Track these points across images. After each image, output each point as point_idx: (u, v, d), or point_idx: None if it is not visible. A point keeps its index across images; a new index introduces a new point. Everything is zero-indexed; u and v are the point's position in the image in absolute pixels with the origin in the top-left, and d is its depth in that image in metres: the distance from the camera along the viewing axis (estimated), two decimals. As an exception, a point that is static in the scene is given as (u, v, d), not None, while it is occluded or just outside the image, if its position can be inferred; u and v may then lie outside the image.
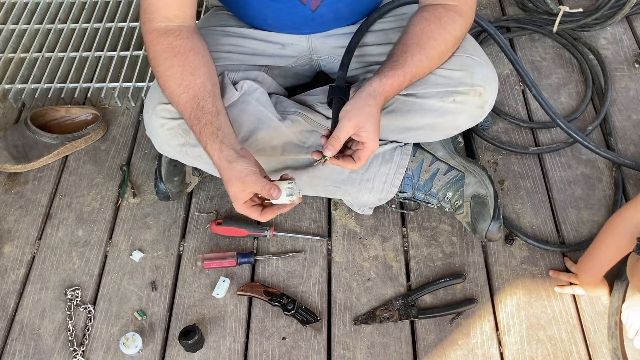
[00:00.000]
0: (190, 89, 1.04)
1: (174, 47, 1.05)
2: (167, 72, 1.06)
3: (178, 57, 1.05)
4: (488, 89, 1.15)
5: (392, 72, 1.04)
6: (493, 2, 1.79)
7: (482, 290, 1.20)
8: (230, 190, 1.00)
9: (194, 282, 1.24)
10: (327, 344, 1.15)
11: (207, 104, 1.03)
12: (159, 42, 1.06)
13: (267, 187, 0.97)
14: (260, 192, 0.98)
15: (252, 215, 1.02)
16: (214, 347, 1.15)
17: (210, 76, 1.07)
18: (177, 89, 1.05)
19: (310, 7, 1.16)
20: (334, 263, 1.26)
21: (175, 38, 1.06)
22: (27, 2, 1.84)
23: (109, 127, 1.53)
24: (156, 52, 1.06)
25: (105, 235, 1.32)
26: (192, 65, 1.05)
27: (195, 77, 1.05)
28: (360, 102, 1.01)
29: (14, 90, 1.60)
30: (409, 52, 1.06)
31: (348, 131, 0.99)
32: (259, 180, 0.98)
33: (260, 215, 1.01)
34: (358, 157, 1.02)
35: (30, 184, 1.42)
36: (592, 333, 1.13)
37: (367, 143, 1.01)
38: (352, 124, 0.99)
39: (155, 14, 1.06)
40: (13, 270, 1.27)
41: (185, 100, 1.04)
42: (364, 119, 0.99)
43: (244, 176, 0.98)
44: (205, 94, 1.04)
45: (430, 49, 1.07)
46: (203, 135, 1.02)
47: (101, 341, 1.16)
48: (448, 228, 1.29)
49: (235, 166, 0.98)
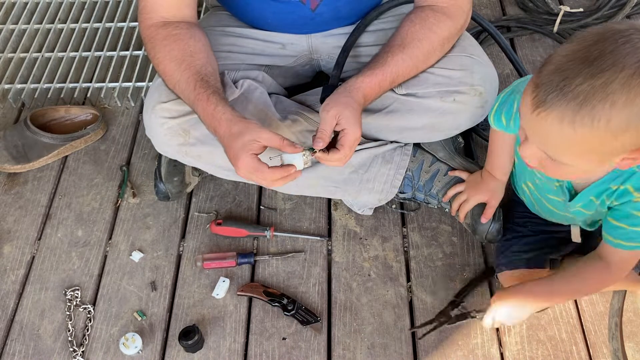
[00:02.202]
0: (192, 67, 1.05)
1: (173, 35, 1.06)
2: (167, 56, 1.06)
3: (178, 42, 1.06)
4: (488, 88, 1.15)
5: (371, 71, 1.06)
6: (493, 2, 1.79)
7: (483, 291, 1.19)
8: (241, 141, 0.95)
9: (193, 282, 1.23)
10: (327, 345, 1.14)
11: (211, 80, 1.04)
12: (158, 33, 1.07)
13: (287, 140, 0.96)
14: (279, 143, 0.95)
15: (258, 170, 0.95)
16: (214, 347, 1.15)
17: (211, 61, 1.08)
18: (177, 68, 1.05)
19: (310, 7, 1.16)
20: (334, 263, 1.25)
21: (175, 28, 1.07)
22: (26, 2, 1.84)
23: (108, 127, 1.53)
24: (155, 41, 1.07)
25: (105, 235, 1.32)
26: (192, 49, 1.06)
27: (195, 59, 1.05)
28: (337, 95, 1.03)
29: (14, 90, 1.60)
30: (390, 52, 1.08)
31: (330, 122, 0.99)
32: (276, 133, 0.96)
33: (268, 170, 0.95)
34: (341, 144, 1.00)
35: (29, 184, 1.42)
36: (593, 334, 1.13)
37: (347, 129, 0.99)
38: (331, 114, 0.99)
39: (152, 14, 1.07)
40: (13, 270, 1.27)
41: (187, 77, 1.04)
42: (342, 108, 0.99)
43: (260, 127, 0.96)
44: (208, 73, 1.05)
45: (413, 48, 1.09)
46: (212, 99, 1.00)
47: (101, 341, 1.16)
48: (448, 228, 1.29)
49: (251, 120, 0.98)
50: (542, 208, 1.09)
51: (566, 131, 0.71)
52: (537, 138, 0.78)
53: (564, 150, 0.76)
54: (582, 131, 0.71)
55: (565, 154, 0.77)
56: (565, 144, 0.74)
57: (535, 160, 0.81)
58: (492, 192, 1.15)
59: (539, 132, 0.76)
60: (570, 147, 0.75)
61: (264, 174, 0.96)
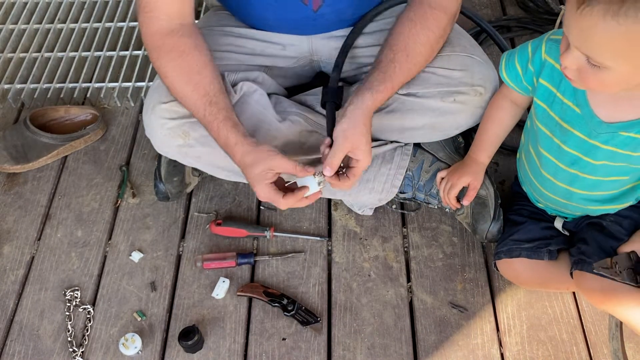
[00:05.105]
0: (200, 86, 1.06)
1: (178, 47, 1.06)
2: (173, 72, 1.07)
3: (183, 56, 1.06)
4: (488, 88, 1.15)
5: (383, 86, 1.06)
6: (494, 2, 1.79)
7: (483, 291, 1.19)
8: (256, 171, 1.00)
9: (193, 282, 1.23)
10: (327, 345, 1.14)
11: (220, 101, 1.06)
12: (163, 44, 1.06)
13: (300, 166, 1.00)
14: (292, 169, 0.99)
15: (273, 199, 1.02)
16: (214, 347, 1.14)
17: (216, 74, 1.09)
18: (185, 87, 1.06)
19: (312, 8, 1.16)
20: (334, 263, 1.25)
21: (179, 38, 1.06)
22: (26, 2, 1.84)
23: (108, 127, 1.53)
24: (160, 53, 1.07)
25: (104, 235, 1.32)
26: (199, 64, 1.07)
27: (203, 76, 1.06)
28: (354, 121, 1.03)
29: (13, 90, 1.60)
30: (396, 61, 1.08)
31: (344, 151, 1.02)
32: (289, 159, 1.00)
33: (282, 199, 1.01)
34: (353, 174, 1.05)
35: (29, 184, 1.42)
36: (593, 334, 1.13)
37: (361, 161, 1.03)
38: (347, 144, 1.01)
39: (155, 12, 1.06)
40: (12, 270, 1.27)
41: (196, 98, 1.06)
42: (359, 139, 1.02)
43: (274, 155, 1.00)
44: (216, 91, 1.06)
45: (417, 55, 1.09)
46: (223, 130, 1.03)
47: (100, 342, 1.16)
48: (448, 228, 1.29)
49: (263, 148, 1.01)
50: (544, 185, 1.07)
51: (610, 25, 0.71)
52: (580, 38, 0.77)
53: (606, 49, 0.75)
54: (625, 24, 0.70)
55: (608, 52, 0.76)
56: (608, 40, 0.74)
57: (575, 67, 0.81)
58: (474, 174, 1.16)
59: (583, 30, 0.75)
60: (613, 43, 0.74)
61: (279, 203, 1.02)
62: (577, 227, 1.13)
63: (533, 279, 1.14)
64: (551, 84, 0.95)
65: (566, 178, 1.01)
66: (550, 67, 0.94)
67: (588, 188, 1.01)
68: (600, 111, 0.90)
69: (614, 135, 0.90)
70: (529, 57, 0.97)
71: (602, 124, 0.90)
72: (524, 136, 1.10)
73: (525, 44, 0.99)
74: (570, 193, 1.04)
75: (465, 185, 1.16)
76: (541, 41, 0.95)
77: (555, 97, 0.95)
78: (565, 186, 1.03)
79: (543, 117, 0.99)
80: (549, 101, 0.96)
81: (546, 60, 0.95)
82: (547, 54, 0.94)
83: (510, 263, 1.14)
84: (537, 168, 1.06)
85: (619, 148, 0.92)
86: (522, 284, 1.17)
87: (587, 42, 0.76)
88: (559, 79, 0.94)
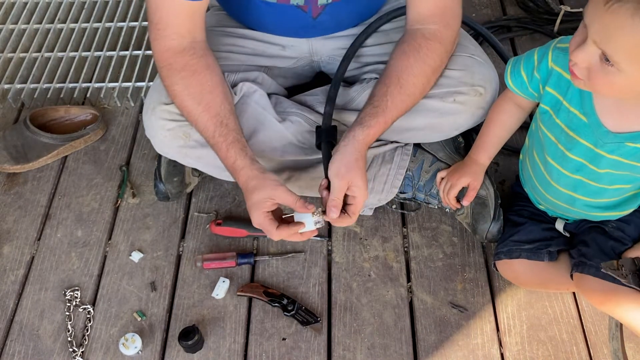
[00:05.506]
0: (211, 107, 1.05)
1: (190, 66, 1.06)
2: (184, 91, 1.06)
3: (195, 76, 1.06)
4: (489, 89, 1.15)
5: (374, 120, 1.06)
6: (494, 2, 1.79)
7: (483, 291, 1.19)
8: (256, 197, 1.01)
9: (193, 282, 1.23)
10: (327, 345, 1.14)
11: (231, 122, 1.06)
12: (175, 61, 1.06)
13: (301, 202, 1.00)
14: (292, 204, 1.00)
15: (267, 228, 1.01)
16: (214, 347, 1.14)
17: (227, 95, 1.09)
18: (196, 107, 1.06)
19: (312, 15, 1.15)
20: (334, 264, 1.25)
21: (191, 57, 1.06)
22: (26, 2, 1.84)
23: (108, 127, 1.53)
24: (172, 71, 1.06)
25: (104, 235, 1.32)
26: (210, 84, 1.06)
27: (214, 96, 1.06)
28: (347, 158, 1.03)
29: (13, 90, 1.60)
30: (389, 94, 1.07)
31: (343, 190, 1.02)
32: (291, 193, 1.00)
33: (275, 230, 1.01)
34: (352, 212, 1.04)
35: (29, 184, 1.42)
36: (593, 334, 1.13)
37: (358, 197, 1.03)
38: (344, 183, 1.02)
39: (167, 30, 1.05)
40: (12, 270, 1.27)
41: (206, 119, 1.05)
42: (354, 175, 1.02)
43: (277, 185, 1.00)
44: (227, 113, 1.06)
45: (410, 86, 1.08)
46: (231, 151, 1.04)
47: (100, 342, 1.16)
48: (449, 229, 1.29)
49: (268, 176, 1.02)
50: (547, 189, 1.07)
51: (637, 26, 0.70)
52: (602, 34, 0.74)
53: (626, 49, 0.73)
54: None
55: (626, 53, 0.74)
56: (631, 41, 0.72)
57: (585, 64, 0.79)
58: (474, 174, 1.16)
59: (606, 26, 0.73)
60: (634, 44, 0.72)
61: (272, 233, 1.02)
62: (578, 229, 1.13)
63: (533, 279, 1.14)
64: (558, 92, 0.95)
65: (570, 184, 1.01)
66: (558, 75, 0.93)
67: (591, 195, 1.01)
68: (607, 121, 0.90)
69: (620, 146, 0.90)
70: (535, 64, 0.97)
71: (609, 133, 0.90)
72: (528, 139, 1.10)
73: (532, 51, 0.98)
74: (573, 199, 1.03)
75: (465, 185, 1.16)
76: (547, 49, 0.94)
77: (561, 105, 0.94)
78: (568, 192, 1.03)
79: (548, 123, 0.98)
80: (555, 108, 0.96)
81: (553, 68, 0.94)
82: (554, 63, 0.93)
83: (510, 264, 1.14)
84: (540, 172, 1.06)
85: (624, 158, 0.91)
86: (521, 284, 1.17)
87: (608, 40, 0.74)
88: (566, 87, 0.93)
